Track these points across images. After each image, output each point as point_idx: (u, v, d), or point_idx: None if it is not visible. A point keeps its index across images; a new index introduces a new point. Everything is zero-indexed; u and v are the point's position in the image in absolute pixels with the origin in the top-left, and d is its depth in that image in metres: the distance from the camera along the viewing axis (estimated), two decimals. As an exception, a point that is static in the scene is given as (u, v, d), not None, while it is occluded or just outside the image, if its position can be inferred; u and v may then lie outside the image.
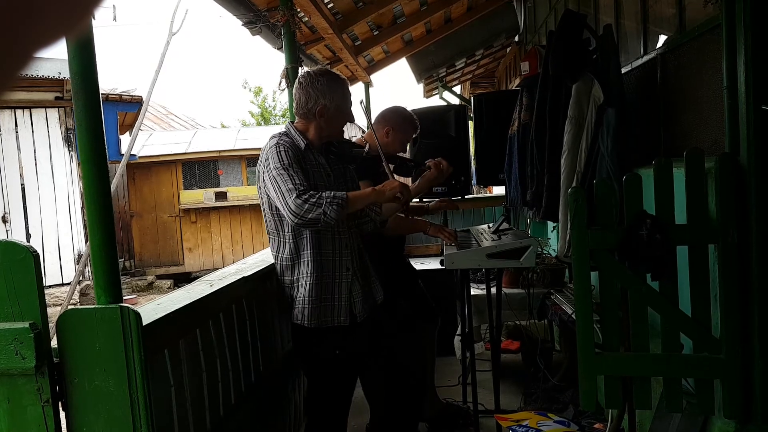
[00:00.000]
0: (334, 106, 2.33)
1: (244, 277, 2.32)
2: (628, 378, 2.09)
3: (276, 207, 2.26)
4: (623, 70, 2.94)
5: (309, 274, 2.29)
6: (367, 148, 2.52)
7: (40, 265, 1.37)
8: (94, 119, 1.41)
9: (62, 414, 1.45)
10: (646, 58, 2.92)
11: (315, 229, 2.24)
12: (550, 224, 4.44)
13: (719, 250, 1.95)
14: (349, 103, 2.42)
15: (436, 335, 3.43)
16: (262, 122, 21.57)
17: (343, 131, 2.49)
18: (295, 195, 2.10)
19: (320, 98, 2.31)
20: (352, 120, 2.48)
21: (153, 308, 1.74)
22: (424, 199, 3.98)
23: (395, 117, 3.02)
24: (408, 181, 2.88)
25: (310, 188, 2.16)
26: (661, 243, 1.95)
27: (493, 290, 3.44)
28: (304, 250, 2.30)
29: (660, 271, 2.00)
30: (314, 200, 2.09)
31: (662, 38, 2.88)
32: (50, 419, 1.39)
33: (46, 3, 0.27)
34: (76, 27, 0.29)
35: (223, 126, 20.67)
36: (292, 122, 2.43)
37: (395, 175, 3.24)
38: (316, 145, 2.38)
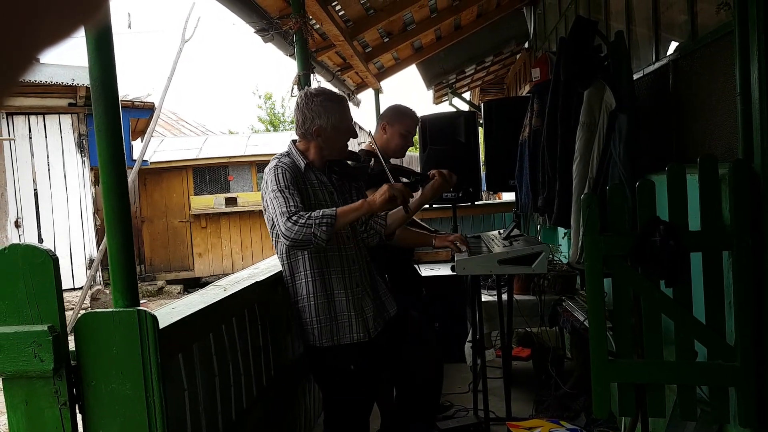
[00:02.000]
0: (331, 126, 2.34)
1: (257, 282, 2.34)
2: (641, 385, 2.08)
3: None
4: (635, 77, 2.94)
5: (310, 295, 2.30)
6: (372, 163, 2.53)
7: (59, 268, 1.39)
8: (113, 125, 1.43)
9: (79, 417, 1.47)
10: (658, 65, 2.92)
11: (309, 249, 2.24)
12: (561, 230, 4.43)
13: (733, 257, 1.94)
14: (348, 121, 2.42)
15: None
16: (271, 128, 21.66)
17: (347, 147, 2.49)
18: (285, 218, 2.12)
19: (315, 118, 2.32)
20: (354, 136, 2.48)
21: (168, 312, 1.75)
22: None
23: (388, 112, 3.07)
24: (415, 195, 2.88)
25: (301, 209, 2.16)
26: (675, 249, 1.95)
27: (504, 297, 3.43)
28: (299, 271, 2.31)
29: (674, 278, 1.99)
30: (303, 221, 2.10)
31: (674, 44, 2.87)
32: (67, 422, 1.41)
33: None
34: (90, 19, 0.29)
35: (231, 132, 20.78)
36: (295, 142, 2.44)
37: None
38: (318, 164, 2.40)
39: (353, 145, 2.95)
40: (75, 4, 0.28)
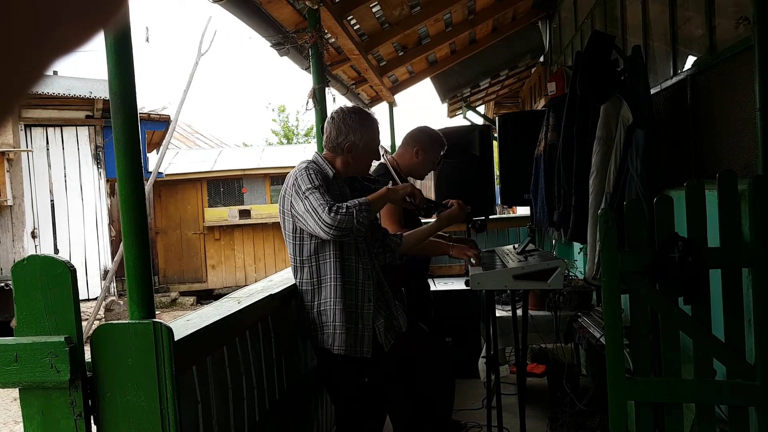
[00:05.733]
0: (363, 144, 2.39)
1: (270, 295, 2.33)
2: (659, 404, 2.05)
3: (299, 229, 2.30)
4: (652, 91, 2.93)
5: (336, 299, 2.32)
6: (390, 184, 2.57)
7: (77, 280, 1.40)
8: (132, 137, 1.45)
9: (93, 428, 1.46)
10: (675, 80, 2.90)
11: (347, 239, 2.29)
12: (576, 246, 4.39)
13: (753, 274, 1.91)
14: (378, 142, 2.48)
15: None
16: (285, 141, 21.78)
17: (370, 167, 2.55)
18: (327, 209, 2.16)
19: (350, 134, 2.37)
20: (378, 158, 2.54)
21: (182, 324, 1.75)
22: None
23: (423, 137, 3.04)
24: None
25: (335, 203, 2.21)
26: (694, 266, 1.92)
27: (519, 312, 3.40)
28: (327, 274, 2.33)
29: (692, 295, 1.96)
30: (344, 211, 2.15)
31: (692, 59, 2.86)
32: (82, 433, 1.41)
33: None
34: (106, 22, 0.27)
35: (245, 145, 20.92)
36: (320, 153, 2.48)
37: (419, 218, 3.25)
38: (342, 178, 2.45)
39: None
40: (91, 7, 0.27)
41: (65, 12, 0.26)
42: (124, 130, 1.45)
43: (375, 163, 2.97)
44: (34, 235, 8.70)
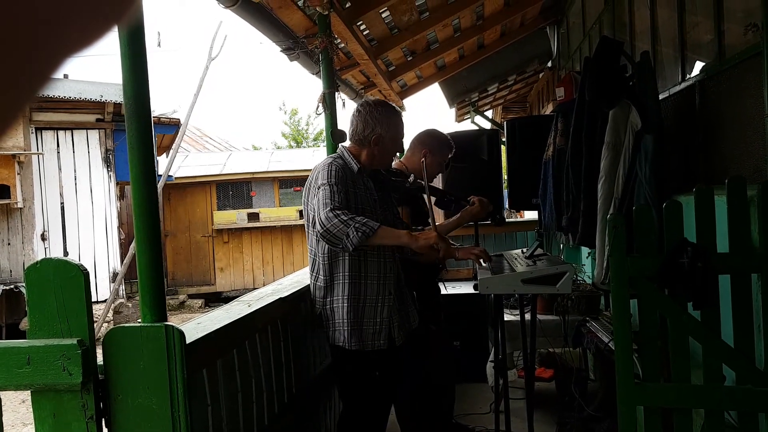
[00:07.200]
0: (390, 136, 2.40)
1: (280, 298, 2.35)
2: (668, 409, 2.04)
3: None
4: (661, 97, 2.92)
5: (344, 297, 2.33)
6: (411, 178, 2.56)
7: (90, 283, 1.41)
8: (146, 142, 1.46)
9: (105, 431, 1.48)
10: (684, 85, 2.90)
11: (335, 248, 2.23)
12: (585, 250, 4.39)
13: (762, 279, 1.91)
14: (402, 135, 2.49)
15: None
16: (294, 144, 21.82)
17: (393, 160, 2.55)
18: (330, 208, 2.13)
19: (377, 127, 2.37)
20: (402, 151, 2.54)
21: (194, 327, 1.77)
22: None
23: (431, 140, 3.05)
24: (442, 213, 2.89)
25: (347, 209, 2.17)
26: (703, 271, 1.92)
27: (527, 316, 3.40)
28: (338, 272, 2.34)
29: (702, 300, 1.96)
30: (345, 218, 2.10)
31: (700, 65, 2.85)
32: (94, 435, 1.42)
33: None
34: (118, 18, 0.26)
35: (255, 148, 20.99)
36: (346, 147, 2.48)
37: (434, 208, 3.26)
38: (367, 171, 2.45)
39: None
40: (98, 7, 0.26)
41: (71, 11, 0.25)
42: (138, 135, 1.47)
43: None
44: (43, 238, 8.77)
